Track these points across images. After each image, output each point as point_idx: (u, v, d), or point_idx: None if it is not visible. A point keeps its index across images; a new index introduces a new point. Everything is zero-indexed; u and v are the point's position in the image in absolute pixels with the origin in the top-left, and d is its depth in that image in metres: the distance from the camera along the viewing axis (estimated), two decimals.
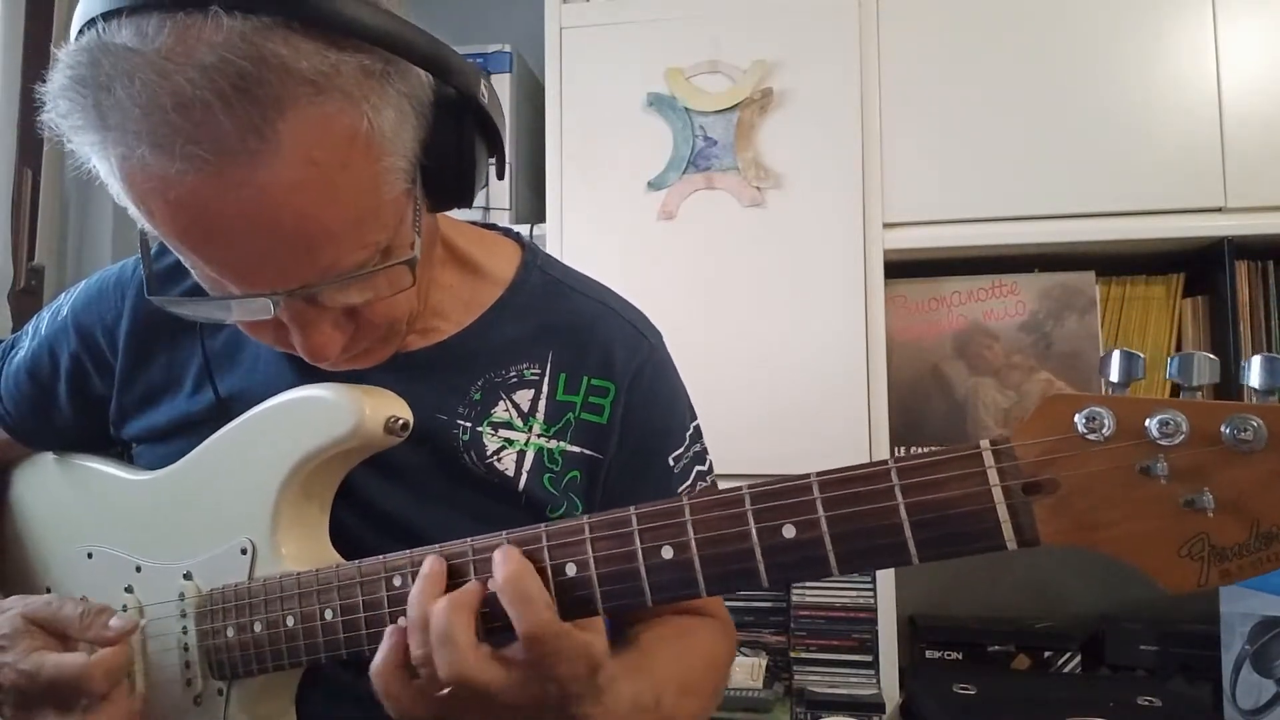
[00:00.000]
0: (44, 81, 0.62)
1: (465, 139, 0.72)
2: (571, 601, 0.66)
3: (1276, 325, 1.72)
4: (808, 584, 1.81)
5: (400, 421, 0.78)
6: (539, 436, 0.86)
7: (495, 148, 0.76)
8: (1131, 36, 1.73)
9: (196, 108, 0.57)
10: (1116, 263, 1.84)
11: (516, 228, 1.90)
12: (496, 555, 0.66)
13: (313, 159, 0.60)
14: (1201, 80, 1.70)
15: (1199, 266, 1.80)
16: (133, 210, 0.65)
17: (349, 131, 0.62)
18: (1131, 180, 1.72)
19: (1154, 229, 1.72)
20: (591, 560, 0.65)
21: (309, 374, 0.83)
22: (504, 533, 0.68)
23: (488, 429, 0.85)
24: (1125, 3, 1.74)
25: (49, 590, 0.94)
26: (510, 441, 0.85)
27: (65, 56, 0.60)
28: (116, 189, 0.64)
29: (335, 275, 0.66)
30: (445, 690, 0.64)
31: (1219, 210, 1.69)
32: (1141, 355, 0.55)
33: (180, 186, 0.59)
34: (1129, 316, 1.81)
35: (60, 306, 0.95)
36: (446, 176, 0.72)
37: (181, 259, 0.67)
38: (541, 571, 0.66)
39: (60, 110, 0.61)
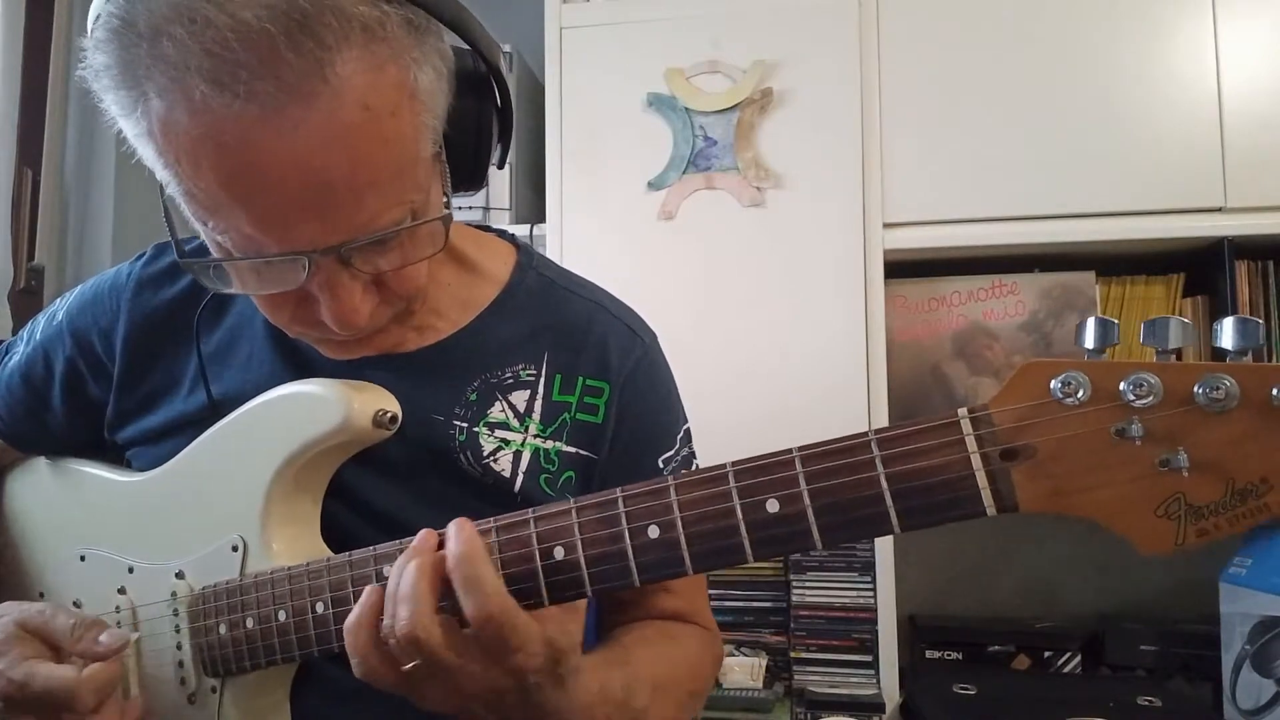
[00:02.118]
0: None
1: (485, 112, 0.76)
2: (560, 584, 0.66)
3: (1276, 325, 1.72)
4: (808, 584, 1.82)
5: (388, 415, 0.78)
6: (535, 437, 0.86)
7: (506, 128, 0.78)
8: (1131, 36, 1.73)
9: (262, 42, 0.58)
10: (1116, 263, 1.84)
11: (517, 228, 1.92)
12: (450, 528, 0.66)
13: (366, 103, 0.62)
14: (1201, 80, 1.70)
15: (1199, 266, 1.80)
16: (168, 171, 0.64)
17: (397, 80, 0.64)
18: (1131, 180, 1.72)
19: (1154, 229, 1.72)
20: (579, 542, 0.65)
21: (302, 373, 0.83)
22: (492, 519, 0.68)
23: (484, 429, 0.85)
24: (1125, 3, 1.74)
25: (42, 595, 0.94)
26: (506, 442, 0.85)
27: (106, 7, 0.61)
28: (152, 150, 0.64)
29: (374, 230, 0.66)
30: (410, 665, 0.64)
31: (1219, 210, 1.70)
32: (1115, 321, 0.55)
33: (237, 125, 0.59)
34: (1129, 316, 1.81)
35: (55, 312, 0.95)
36: (464, 150, 0.75)
37: (213, 222, 0.66)
38: (530, 556, 0.66)
39: (98, 64, 0.62)
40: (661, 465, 0.91)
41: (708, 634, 0.95)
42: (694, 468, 0.94)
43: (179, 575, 0.82)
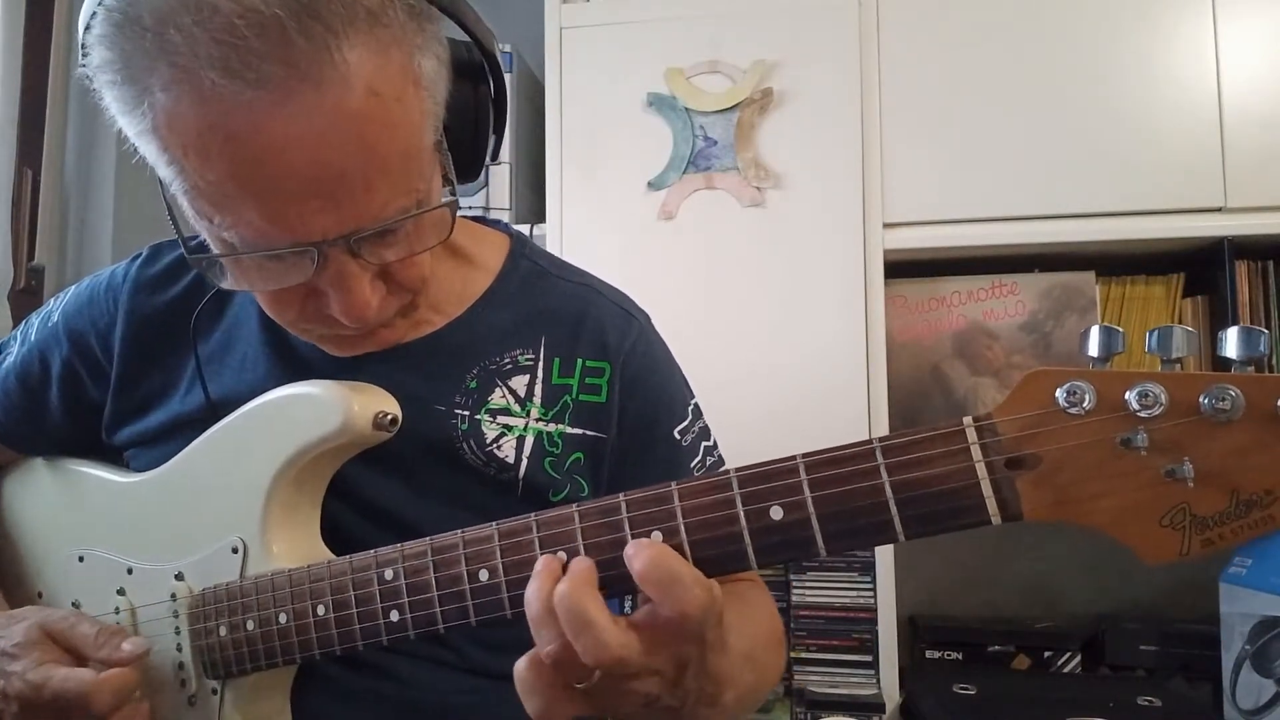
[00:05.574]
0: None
1: (481, 101, 0.77)
2: None
3: (1276, 325, 1.72)
4: (808, 584, 1.81)
5: (389, 417, 0.78)
6: (537, 421, 0.86)
7: (501, 118, 0.79)
8: (1131, 36, 1.73)
9: (272, 28, 0.57)
10: (1116, 263, 1.84)
11: (516, 228, 1.92)
12: (629, 549, 0.60)
13: (374, 89, 0.62)
14: (1201, 80, 1.70)
15: (1199, 266, 1.79)
16: (171, 168, 0.63)
17: (402, 66, 0.64)
18: (1131, 180, 1.72)
19: (1154, 229, 1.72)
20: (581, 548, 0.64)
21: (297, 374, 0.83)
22: (494, 523, 0.68)
23: (486, 416, 0.85)
24: (1125, 3, 1.73)
25: (41, 595, 0.94)
26: (509, 428, 0.85)
27: (106, 1, 0.60)
28: (155, 147, 0.63)
29: (383, 219, 0.66)
30: (593, 677, 0.59)
31: (1219, 210, 1.69)
32: (1120, 330, 0.55)
33: (249, 112, 0.59)
34: (1129, 316, 1.81)
35: (50, 313, 0.95)
36: (462, 139, 0.76)
37: (219, 217, 0.65)
38: (532, 560, 0.65)
39: (99, 60, 0.61)
40: (678, 436, 0.90)
41: (761, 583, 0.93)
42: (713, 440, 0.94)
43: (179, 577, 0.82)
